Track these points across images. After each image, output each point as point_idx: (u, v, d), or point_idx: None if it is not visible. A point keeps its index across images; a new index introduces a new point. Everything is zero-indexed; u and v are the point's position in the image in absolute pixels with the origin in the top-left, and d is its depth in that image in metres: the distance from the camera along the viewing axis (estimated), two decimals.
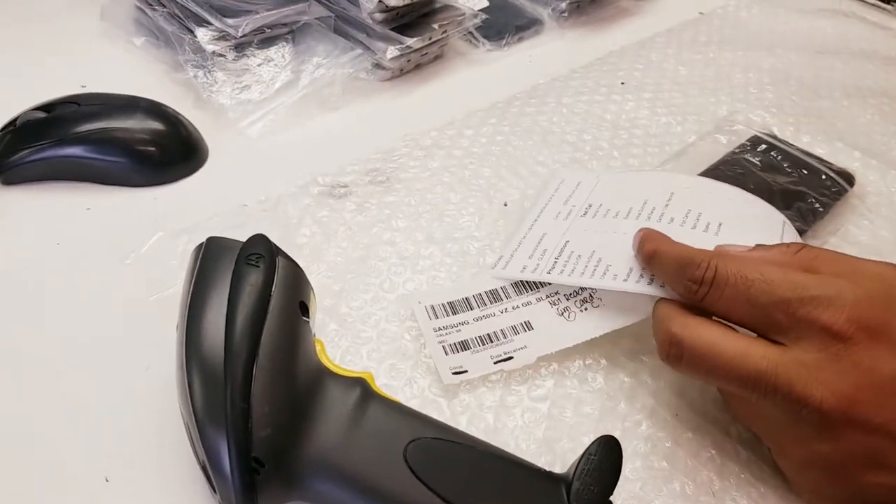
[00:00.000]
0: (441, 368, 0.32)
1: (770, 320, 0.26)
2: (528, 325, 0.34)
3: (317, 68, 0.51)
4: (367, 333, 0.34)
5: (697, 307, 0.29)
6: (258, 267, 0.27)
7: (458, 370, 0.32)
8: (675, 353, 0.28)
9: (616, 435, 0.31)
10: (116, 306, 0.35)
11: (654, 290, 0.31)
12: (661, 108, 0.52)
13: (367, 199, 0.42)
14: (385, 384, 0.32)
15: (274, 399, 0.25)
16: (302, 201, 0.41)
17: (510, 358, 0.33)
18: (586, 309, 0.34)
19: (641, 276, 0.32)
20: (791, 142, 0.48)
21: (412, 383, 0.32)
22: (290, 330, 0.27)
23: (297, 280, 0.29)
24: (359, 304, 0.36)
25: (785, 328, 0.26)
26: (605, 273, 0.33)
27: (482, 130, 0.48)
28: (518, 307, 0.35)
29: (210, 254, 0.28)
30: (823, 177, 0.45)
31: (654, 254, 0.31)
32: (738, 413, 0.29)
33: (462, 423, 0.31)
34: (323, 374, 0.27)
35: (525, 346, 0.33)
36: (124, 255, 0.38)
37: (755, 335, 0.27)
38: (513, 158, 0.46)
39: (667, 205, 0.36)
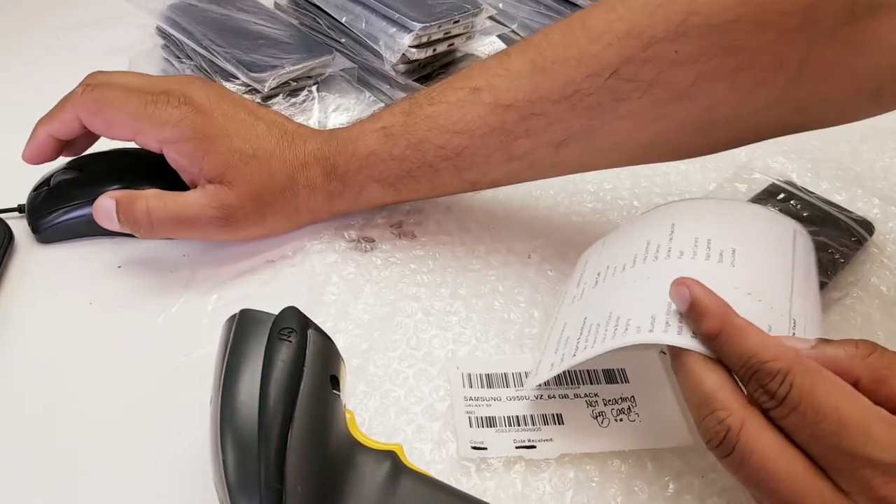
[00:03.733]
0: (461, 439, 0.33)
1: (830, 464, 0.25)
2: (559, 419, 0.34)
3: (344, 114, 0.52)
4: (395, 393, 0.35)
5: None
6: (290, 342, 0.28)
7: (478, 445, 0.32)
8: (723, 449, 0.26)
9: (643, 498, 0.32)
10: (148, 367, 0.36)
11: (685, 342, 0.28)
12: None
13: (392, 254, 0.43)
14: (414, 447, 0.33)
15: (306, 478, 0.26)
16: (329, 257, 0.42)
17: (533, 447, 0.33)
18: (621, 420, 0.34)
19: (668, 324, 0.29)
20: (810, 189, 0.48)
21: (440, 446, 0.33)
22: (321, 405, 0.28)
23: (328, 353, 0.29)
24: (386, 362, 0.36)
25: (844, 476, 0.24)
26: (626, 329, 0.30)
27: None
28: (554, 397, 0.35)
29: (243, 327, 0.29)
30: (843, 226, 0.45)
31: (717, 335, 0.28)
32: None
33: (490, 489, 0.31)
34: (353, 448, 0.28)
35: (551, 439, 0.33)
36: (155, 314, 0.39)
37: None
38: (534, 210, 0.47)
39: (671, 238, 0.34)
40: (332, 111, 0.52)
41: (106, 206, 0.38)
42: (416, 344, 0.38)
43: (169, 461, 0.32)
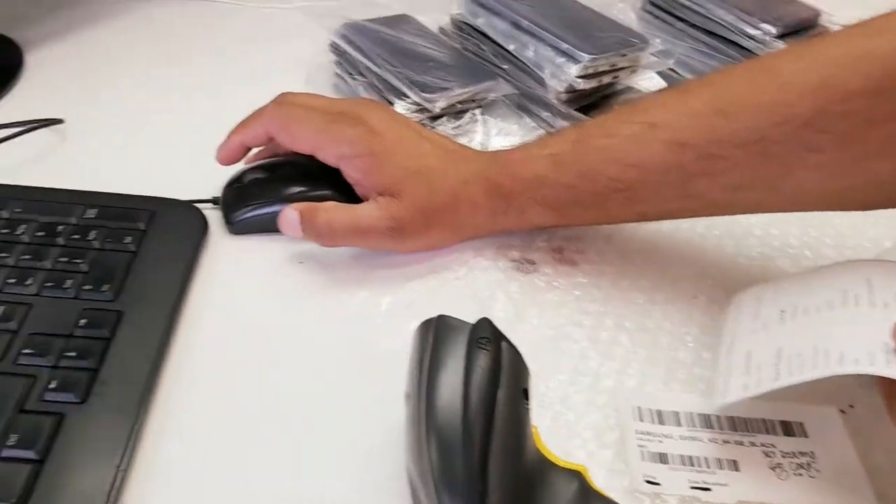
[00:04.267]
0: (634, 472, 0.32)
1: None
2: (734, 465, 0.33)
3: (505, 138, 0.54)
4: (566, 416, 0.35)
5: None
6: (487, 350, 0.29)
7: (651, 480, 0.32)
8: None
9: None
10: (329, 359, 0.37)
11: None
12: None
13: (554, 278, 0.43)
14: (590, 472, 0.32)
15: (505, 484, 0.26)
16: (493, 276, 0.43)
17: (708, 489, 0.32)
18: (801, 474, 0.33)
19: (889, 361, 0.29)
20: None
21: (613, 475, 0.32)
22: (516, 415, 0.28)
23: (520, 365, 0.30)
24: (556, 384, 0.37)
25: None
26: (841, 360, 0.31)
27: None
28: (729, 442, 0.34)
29: (442, 332, 0.30)
30: None
31: None
32: None
33: None
34: (543, 463, 0.28)
35: (727, 485, 0.32)
36: (334, 310, 0.40)
37: None
38: (699, 248, 0.46)
39: (870, 291, 0.34)
40: (495, 135, 0.54)
41: (291, 217, 0.41)
42: (584, 370, 0.37)
43: (354, 449, 0.33)
